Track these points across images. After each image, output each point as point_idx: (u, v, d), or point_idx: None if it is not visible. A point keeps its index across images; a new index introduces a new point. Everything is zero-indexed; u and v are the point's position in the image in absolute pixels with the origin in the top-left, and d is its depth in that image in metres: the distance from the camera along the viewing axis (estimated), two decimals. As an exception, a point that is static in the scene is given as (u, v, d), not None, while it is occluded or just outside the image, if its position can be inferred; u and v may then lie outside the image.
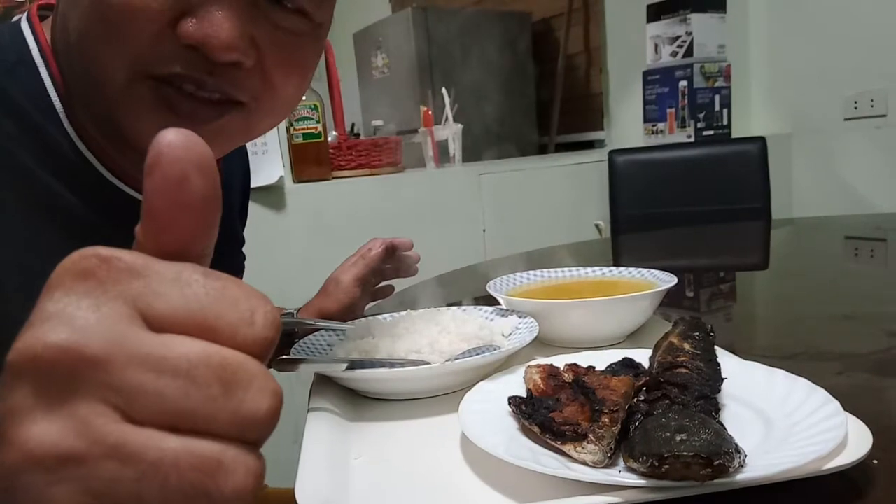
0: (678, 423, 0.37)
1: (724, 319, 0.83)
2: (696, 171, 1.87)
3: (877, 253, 1.22)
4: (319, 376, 0.61)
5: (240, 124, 0.48)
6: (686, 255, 1.30)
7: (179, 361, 0.20)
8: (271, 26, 0.45)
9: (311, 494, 0.39)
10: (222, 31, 0.41)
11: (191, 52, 0.42)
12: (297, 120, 1.62)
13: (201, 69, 0.43)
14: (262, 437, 0.22)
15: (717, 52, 2.13)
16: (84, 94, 0.47)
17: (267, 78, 0.46)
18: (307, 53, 0.49)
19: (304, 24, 0.47)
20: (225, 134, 0.48)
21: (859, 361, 0.60)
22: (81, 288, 0.20)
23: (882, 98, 2.03)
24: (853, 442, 0.38)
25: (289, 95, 0.49)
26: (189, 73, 0.43)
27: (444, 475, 0.44)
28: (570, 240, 1.55)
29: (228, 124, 0.47)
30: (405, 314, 0.71)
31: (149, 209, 0.22)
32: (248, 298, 0.22)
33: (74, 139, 0.48)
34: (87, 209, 0.48)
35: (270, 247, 1.59)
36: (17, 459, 0.19)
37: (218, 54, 0.42)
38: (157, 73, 0.43)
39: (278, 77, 0.47)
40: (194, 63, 0.43)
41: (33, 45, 0.48)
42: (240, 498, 0.21)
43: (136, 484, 0.19)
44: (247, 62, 0.44)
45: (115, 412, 0.20)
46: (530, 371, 0.51)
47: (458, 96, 2.16)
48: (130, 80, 0.43)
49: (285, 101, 0.50)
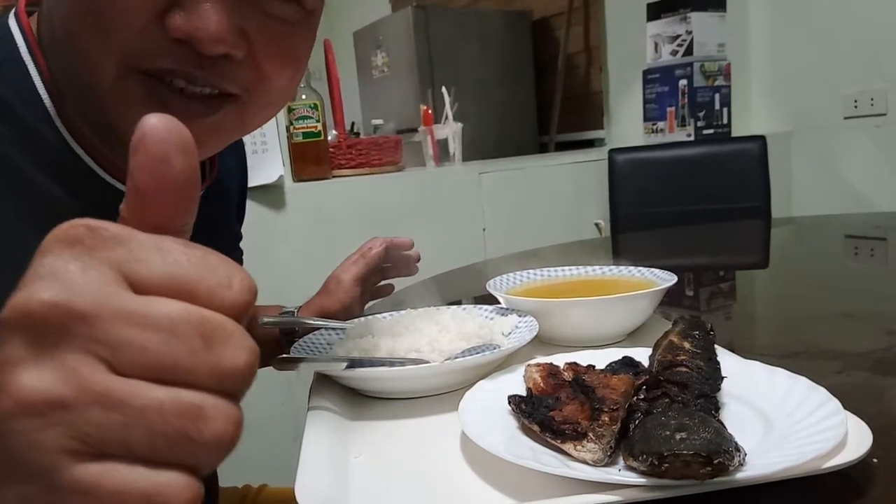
0: (678, 421, 0.37)
1: (724, 318, 0.83)
2: (696, 170, 1.87)
3: (877, 252, 1.22)
4: (319, 375, 0.61)
5: (234, 118, 0.47)
6: (686, 254, 1.30)
7: (161, 318, 0.21)
8: (262, 16, 0.44)
9: (311, 493, 0.39)
10: (211, 24, 0.40)
11: (180, 46, 0.41)
12: (297, 119, 1.62)
13: (191, 63, 0.42)
14: (241, 389, 0.23)
15: (717, 51, 2.13)
16: (73, 91, 0.46)
17: (259, 69, 0.46)
18: (300, 42, 0.48)
19: (296, 11, 0.46)
20: (220, 129, 0.47)
21: (859, 360, 0.60)
22: (70, 253, 0.22)
23: (882, 97, 2.03)
24: (853, 440, 0.38)
25: (283, 86, 0.48)
26: (179, 68, 0.42)
27: (444, 474, 0.44)
28: (570, 238, 1.55)
29: (223, 119, 0.46)
30: (405, 313, 0.71)
31: (133, 186, 0.23)
32: (227, 266, 0.23)
33: (66, 136, 0.47)
34: (79, 207, 0.47)
35: (270, 246, 1.59)
36: (8, 406, 0.21)
37: (207, 47, 0.41)
38: (146, 67, 0.42)
39: (271, 68, 0.46)
40: (184, 57, 0.42)
41: (21, 41, 0.47)
42: (221, 442, 0.22)
43: (122, 429, 0.21)
44: (237, 54, 0.43)
45: (101, 363, 0.21)
46: (530, 370, 0.51)
47: (458, 95, 2.16)
48: (120, 75, 0.42)
49: (280, 93, 0.49)
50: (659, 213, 1.86)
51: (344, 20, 3.68)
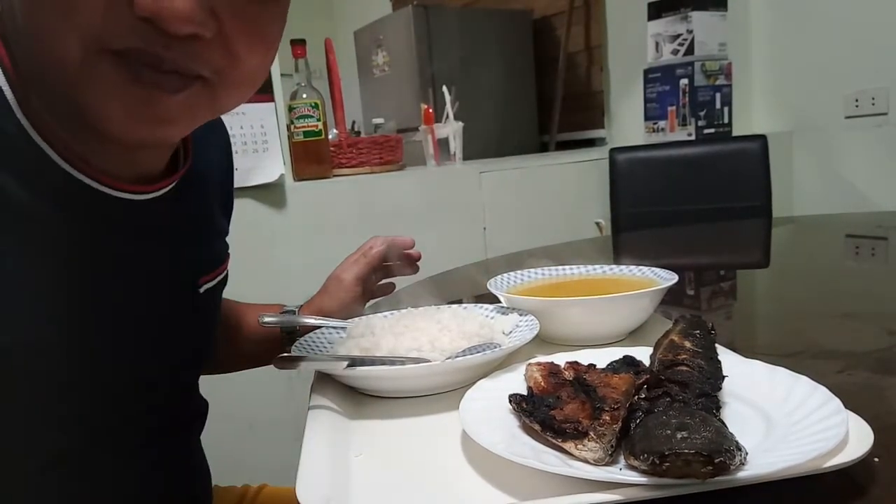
0: (679, 420, 0.37)
1: (725, 317, 0.83)
2: (696, 170, 1.87)
3: (877, 251, 1.21)
4: (320, 374, 0.61)
5: (204, 99, 0.46)
6: (687, 254, 1.30)
7: None
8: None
9: (311, 492, 0.39)
10: (178, 2, 0.39)
11: (147, 25, 0.40)
12: (298, 118, 1.62)
13: (158, 43, 0.41)
14: None
15: (718, 50, 2.13)
16: (38, 80, 0.45)
17: (229, 49, 0.44)
18: (271, 22, 0.47)
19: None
20: (191, 107, 0.46)
21: (860, 359, 0.60)
22: None
23: (883, 96, 2.03)
24: (854, 440, 0.38)
25: (254, 67, 0.47)
26: (146, 48, 0.41)
27: (444, 473, 0.44)
28: (571, 238, 1.55)
29: (194, 98, 0.45)
30: (406, 312, 0.71)
31: None
32: None
33: (26, 126, 0.45)
34: (48, 205, 0.46)
35: (271, 245, 1.59)
36: None
37: (174, 26, 0.40)
38: (112, 47, 0.41)
39: (242, 48, 0.45)
40: (150, 36, 0.40)
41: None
42: None
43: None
44: (205, 34, 0.42)
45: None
46: (531, 369, 0.51)
47: (458, 94, 2.16)
48: (86, 55, 0.41)
49: (251, 74, 0.48)
50: (660, 212, 1.86)
51: (345, 19, 3.68)
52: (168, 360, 0.59)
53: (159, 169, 0.55)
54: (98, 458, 0.53)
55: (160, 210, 0.55)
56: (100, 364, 0.51)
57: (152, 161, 0.54)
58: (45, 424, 0.49)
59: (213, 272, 0.64)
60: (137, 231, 0.53)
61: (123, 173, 0.51)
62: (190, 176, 0.59)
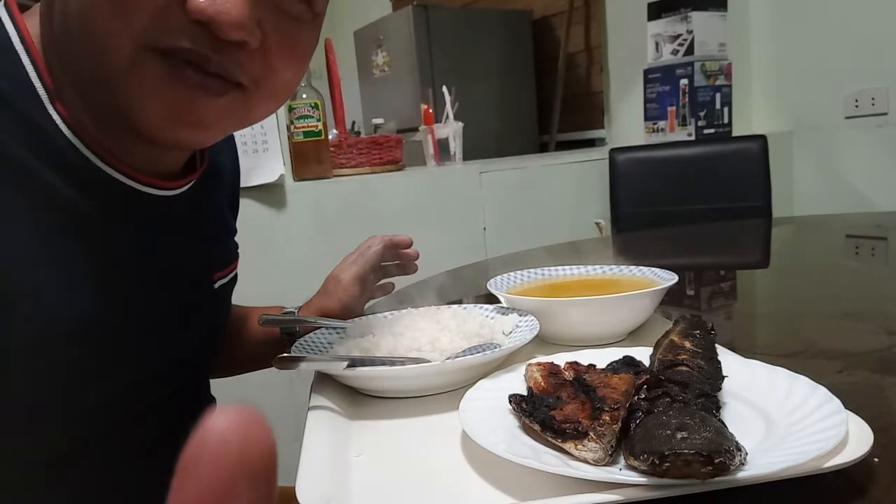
0: (679, 421, 0.37)
1: (725, 318, 0.83)
2: (696, 170, 1.87)
3: (877, 251, 1.21)
4: (320, 374, 0.61)
5: (239, 107, 0.48)
6: (687, 254, 1.30)
7: None
8: (276, 10, 0.46)
9: (311, 492, 0.39)
10: (233, 10, 0.42)
11: (198, 28, 0.43)
12: (298, 118, 1.62)
13: (207, 45, 0.43)
14: None
15: (718, 51, 2.13)
16: (76, 78, 0.47)
17: (269, 61, 0.47)
18: (307, 41, 0.50)
19: (306, 11, 0.48)
20: (227, 114, 0.48)
21: (860, 360, 0.60)
22: None
23: (883, 96, 2.03)
24: (854, 440, 0.38)
25: (287, 81, 0.50)
26: (195, 48, 0.43)
27: (444, 473, 0.44)
28: (571, 238, 1.55)
29: (231, 104, 0.47)
30: (405, 312, 0.71)
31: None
32: None
33: (61, 126, 0.47)
34: (77, 196, 0.48)
35: (271, 245, 1.59)
36: None
37: (227, 32, 0.43)
38: (162, 45, 0.43)
39: (279, 61, 0.48)
40: (201, 39, 0.43)
41: (12, 30, 0.47)
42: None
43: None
44: (253, 43, 0.45)
45: None
46: (531, 369, 0.51)
47: (458, 94, 2.16)
48: (136, 53, 0.43)
49: (283, 87, 0.51)
50: (659, 212, 1.86)
51: (345, 19, 3.67)
52: (183, 353, 0.60)
53: (179, 167, 0.58)
54: (111, 455, 0.54)
55: (181, 206, 0.57)
56: (122, 356, 0.53)
57: (177, 160, 0.57)
58: (65, 417, 0.50)
59: (226, 268, 0.67)
60: (160, 226, 0.56)
61: (148, 169, 0.53)
62: (206, 174, 0.61)
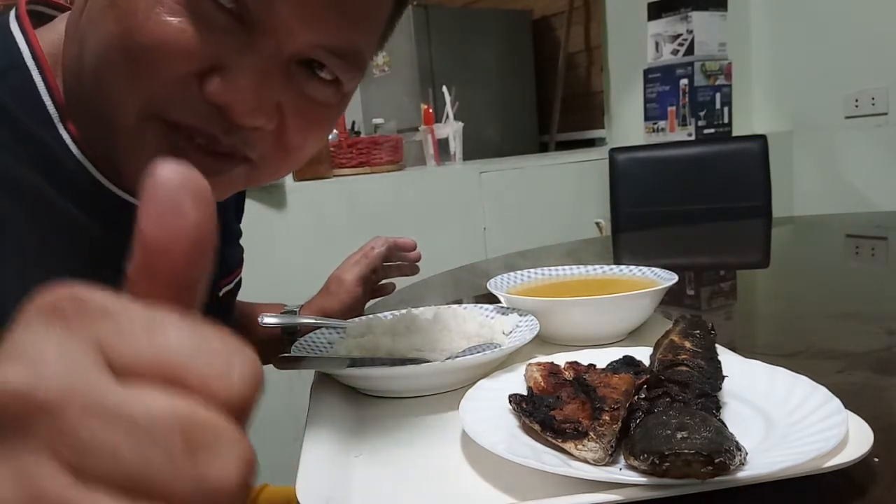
0: (679, 420, 0.37)
1: (725, 317, 0.83)
2: (696, 170, 1.87)
3: (877, 251, 1.21)
4: (320, 374, 0.61)
5: (242, 178, 0.47)
6: (687, 254, 1.30)
7: (140, 415, 0.17)
8: (299, 95, 0.44)
9: (312, 492, 0.39)
10: (249, 98, 0.40)
11: (212, 109, 0.41)
12: (298, 118, 1.62)
13: (218, 127, 0.42)
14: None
15: (718, 50, 2.13)
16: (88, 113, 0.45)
17: (282, 140, 0.45)
18: (329, 121, 0.48)
19: (334, 94, 0.46)
20: (230, 184, 0.47)
21: (860, 360, 0.60)
22: (48, 328, 0.18)
23: (883, 96, 2.03)
24: (854, 440, 0.38)
25: (300, 157, 0.49)
26: (204, 128, 0.42)
27: (444, 473, 0.44)
28: (571, 238, 1.55)
29: (232, 179, 0.46)
30: (406, 312, 0.71)
31: (141, 240, 0.20)
32: (229, 350, 0.20)
33: (70, 146, 0.46)
34: (86, 217, 0.47)
35: (272, 245, 1.59)
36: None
37: (241, 119, 0.41)
38: (169, 118, 0.42)
39: (295, 140, 0.46)
40: (213, 119, 0.42)
41: (25, 48, 0.46)
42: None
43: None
44: (268, 126, 0.43)
45: (63, 468, 0.17)
46: (531, 369, 0.51)
47: (458, 94, 2.16)
48: (141, 119, 0.42)
49: (296, 160, 0.49)
50: (660, 212, 1.86)
51: (344, 19, 3.67)
52: None
53: None
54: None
55: None
56: None
57: None
58: None
59: (230, 276, 0.66)
60: None
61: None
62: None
